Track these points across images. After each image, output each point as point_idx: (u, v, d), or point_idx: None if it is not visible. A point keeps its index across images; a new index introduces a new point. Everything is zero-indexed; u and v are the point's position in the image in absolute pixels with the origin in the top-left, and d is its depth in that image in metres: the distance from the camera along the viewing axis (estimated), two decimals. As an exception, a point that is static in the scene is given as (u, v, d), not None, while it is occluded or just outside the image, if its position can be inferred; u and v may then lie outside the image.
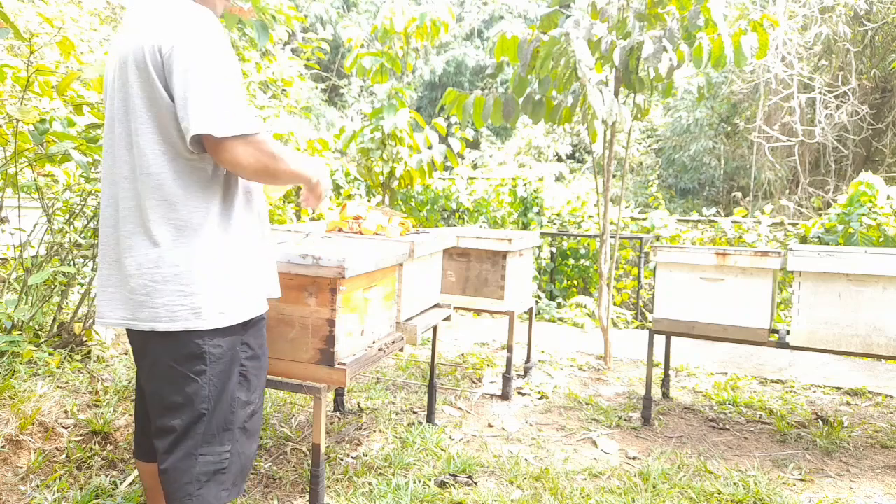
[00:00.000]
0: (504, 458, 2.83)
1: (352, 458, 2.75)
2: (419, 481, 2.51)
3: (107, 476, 2.35)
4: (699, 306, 3.14)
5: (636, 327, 6.10)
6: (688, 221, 7.07)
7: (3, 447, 2.29)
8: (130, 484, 2.34)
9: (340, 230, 2.84)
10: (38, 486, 2.21)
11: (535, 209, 7.19)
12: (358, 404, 3.42)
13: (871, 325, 2.81)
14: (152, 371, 1.56)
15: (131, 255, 1.48)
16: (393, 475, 2.56)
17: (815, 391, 3.99)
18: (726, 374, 4.32)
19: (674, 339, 3.80)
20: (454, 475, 2.58)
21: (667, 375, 3.78)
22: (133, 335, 1.59)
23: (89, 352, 3.23)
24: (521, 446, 2.99)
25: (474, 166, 15.85)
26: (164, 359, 1.53)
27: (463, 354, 4.67)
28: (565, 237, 6.96)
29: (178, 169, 1.48)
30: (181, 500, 1.55)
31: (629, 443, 3.10)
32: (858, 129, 11.22)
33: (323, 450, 2.06)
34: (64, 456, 2.40)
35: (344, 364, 2.02)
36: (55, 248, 3.34)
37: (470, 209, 7.55)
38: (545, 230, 7.08)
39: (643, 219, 7.02)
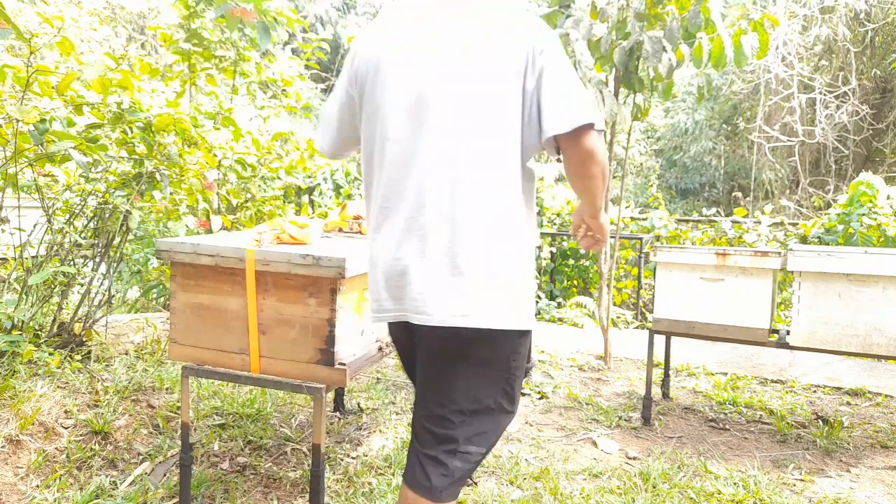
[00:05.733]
0: (504, 458, 2.83)
1: (352, 458, 2.75)
2: (419, 481, 2.51)
3: (107, 476, 2.35)
4: (699, 306, 3.14)
5: (636, 327, 6.10)
6: (688, 221, 7.08)
7: (3, 447, 2.29)
8: (130, 484, 2.34)
9: (340, 230, 2.84)
10: (38, 486, 2.21)
11: (535, 209, 7.19)
12: (358, 404, 3.42)
13: (871, 325, 2.81)
14: (463, 369, 1.49)
15: (480, 249, 1.46)
16: (393, 475, 2.56)
17: (815, 391, 3.99)
18: (726, 374, 4.31)
19: (674, 339, 3.80)
20: (454, 475, 2.58)
21: (667, 375, 3.78)
22: (447, 334, 1.46)
23: (89, 352, 3.23)
24: (521, 446, 2.99)
25: (474, 166, 15.81)
26: (486, 357, 1.49)
27: (463, 354, 4.67)
28: (565, 237, 6.96)
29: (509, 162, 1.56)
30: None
31: (629, 443, 3.09)
32: (858, 129, 11.23)
33: (323, 450, 2.06)
34: (64, 456, 2.40)
35: (344, 364, 2.01)
36: (55, 248, 3.34)
37: (470, 209, 7.53)
38: (545, 230, 7.08)
39: (643, 219, 7.03)
